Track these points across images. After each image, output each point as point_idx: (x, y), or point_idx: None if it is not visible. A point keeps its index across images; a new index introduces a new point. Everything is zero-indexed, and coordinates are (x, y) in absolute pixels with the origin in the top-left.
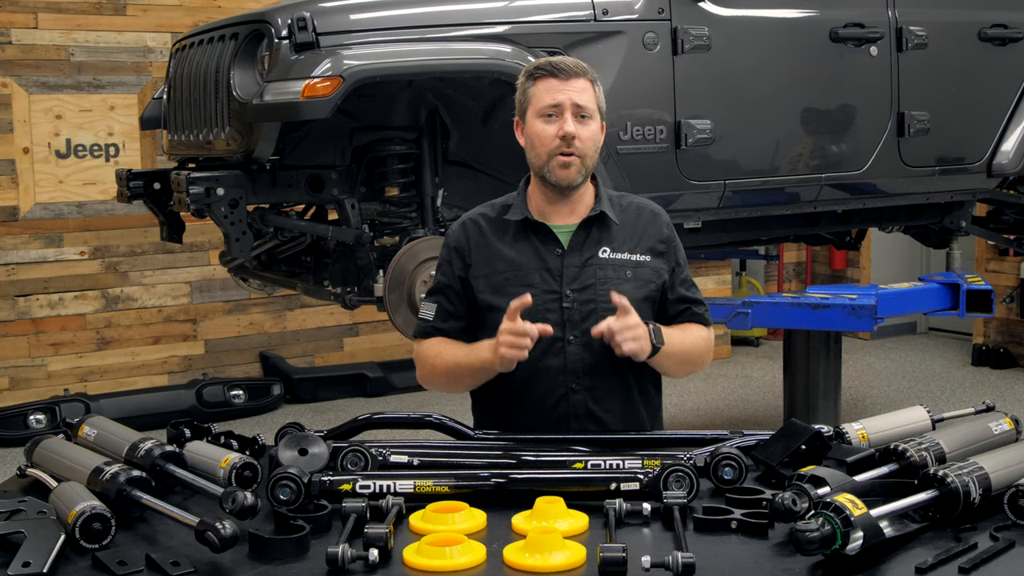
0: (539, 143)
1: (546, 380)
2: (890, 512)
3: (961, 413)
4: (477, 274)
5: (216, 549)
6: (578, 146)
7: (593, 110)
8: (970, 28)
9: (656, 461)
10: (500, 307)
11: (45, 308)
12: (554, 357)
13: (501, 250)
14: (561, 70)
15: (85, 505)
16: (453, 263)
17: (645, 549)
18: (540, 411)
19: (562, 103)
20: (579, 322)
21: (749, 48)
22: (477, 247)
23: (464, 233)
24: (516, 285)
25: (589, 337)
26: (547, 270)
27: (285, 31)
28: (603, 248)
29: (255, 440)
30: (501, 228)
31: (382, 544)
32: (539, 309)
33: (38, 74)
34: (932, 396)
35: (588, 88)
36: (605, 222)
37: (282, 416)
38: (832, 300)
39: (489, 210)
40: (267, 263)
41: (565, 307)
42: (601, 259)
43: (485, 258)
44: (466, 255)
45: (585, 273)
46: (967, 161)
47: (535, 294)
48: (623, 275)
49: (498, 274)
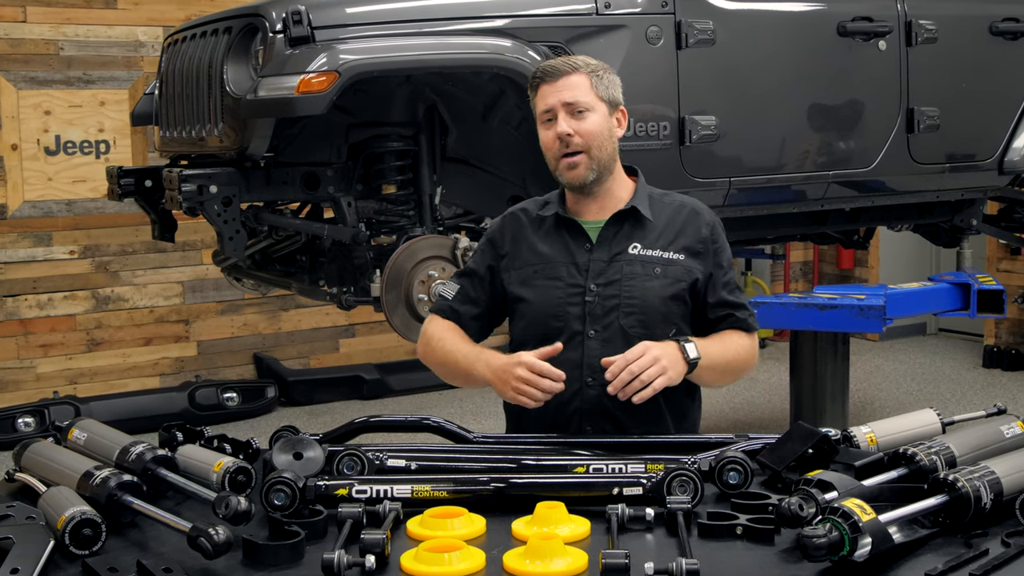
0: (546, 150)
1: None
2: (899, 518)
3: (972, 416)
4: (510, 266)
5: (209, 555)
6: (577, 142)
7: (589, 102)
8: (981, 22)
9: (660, 465)
10: (527, 299)
11: (34, 309)
12: (572, 350)
13: (534, 244)
14: (549, 73)
15: (75, 510)
16: (486, 252)
17: (648, 555)
18: (553, 405)
19: (553, 106)
20: (600, 316)
21: (755, 42)
22: (513, 240)
23: (503, 225)
24: (543, 278)
25: (609, 332)
26: (574, 264)
27: (280, 25)
28: (633, 244)
29: (249, 444)
30: (538, 223)
31: (379, 550)
32: (561, 302)
33: (26, 69)
34: (942, 398)
35: (581, 82)
36: (638, 218)
37: (277, 419)
38: (840, 300)
39: (531, 205)
40: (261, 262)
41: (587, 301)
42: (630, 255)
43: (518, 251)
44: (500, 247)
45: (612, 268)
46: (978, 158)
47: (559, 288)
48: (651, 272)
49: (528, 267)
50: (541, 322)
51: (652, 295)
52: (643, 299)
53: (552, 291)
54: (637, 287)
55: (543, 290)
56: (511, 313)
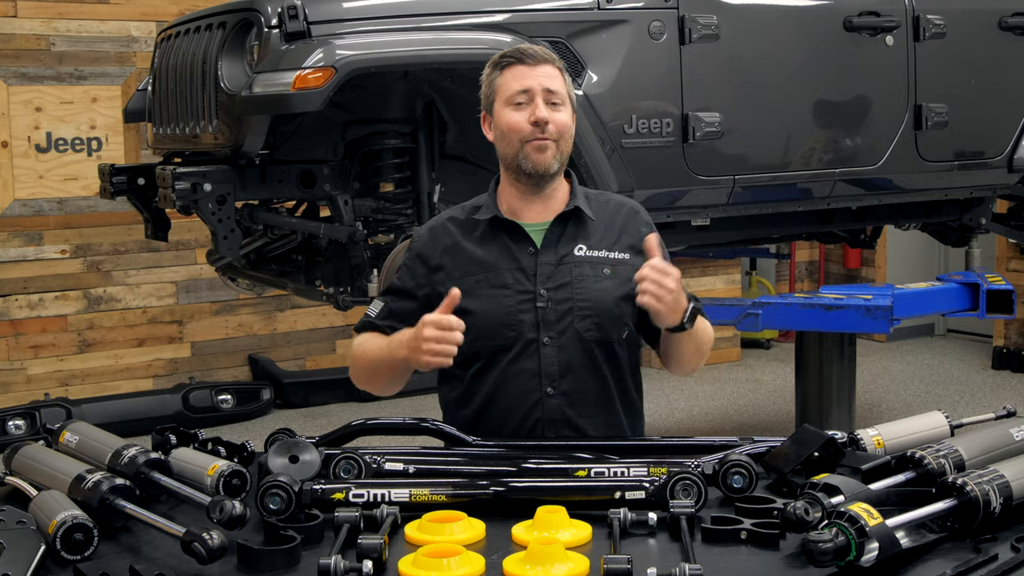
0: (511, 132)
1: (519, 384)
2: (907, 522)
3: (981, 419)
4: (447, 279)
5: (203, 561)
6: (552, 131)
7: (564, 96)
8: (990, 16)
9: (662, 469)
10: (473, 310)
11: (25, 309)
12: (528, 359)
13: (471, 252)
14: (529, 56)
15: (66, 515)
16: (413, 268)
17: (651, 561)
18: (512, 417)
19: (532, 88)
20: (554, 322)
21: (760, 37)
22: (445, 252)
23: (431, 238)
24: (488, 286)
25: (564, 338)
26: (520, 270)
27: (275, 20)
28: (579, 245)
29: (244, 447)
30: (470, 229)
31: (376, 555)
32: (512, 311)
33: (17, 65)
34: (950, 401)
35: (557, 74)
36: (581, 218)
37: (272, 422)
38: (846, 301)
39: (458, 212)
40: (256, 262)
41: (539, 307)
42: (577, 256)
43: (454, 262)
44: (430, 260)
45: (560, 271)
46: (987, 155)
47: (508, 295)
48: (601, 273)
49: (468, 277)
50: (492, 333)
51: (605, 296)
52: (596, 301)
53: (501, 299)
54: (589, 289)
55: (491, 299)
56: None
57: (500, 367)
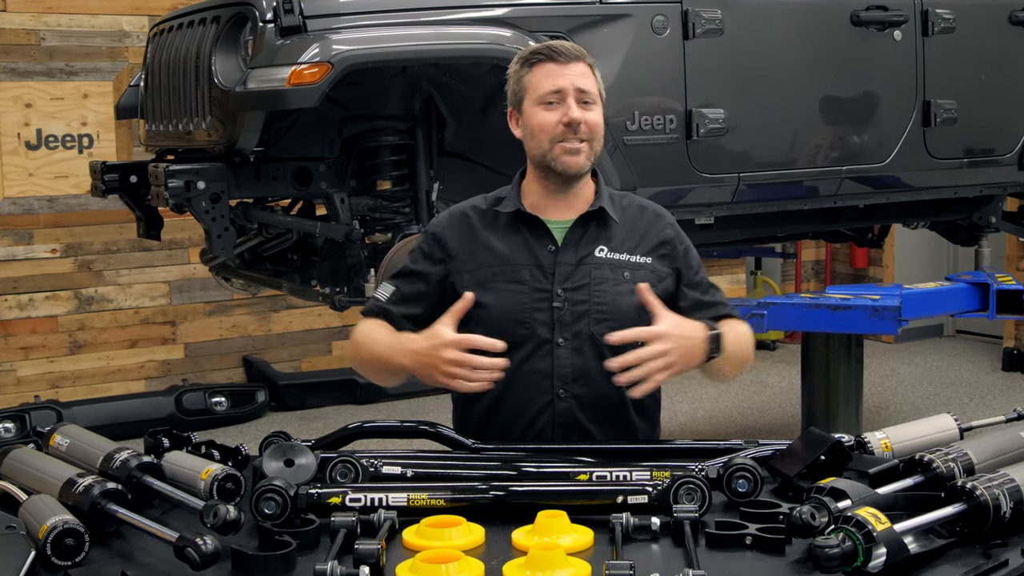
0: (541, 132)
1: (530, 385)
2: (915, 527)
3: (991, 421)
4: (462, 268)
5: (196, 566)
6: (584, 131)
7: (596, 95)
8: (1000, 11)
9: (666, 472)
10: (486, 303)
11: (14, 309)
12: (541, 360)
13: (490, 243)
14: (560, 53)
15: (57, 520)
16: (428, 249)
17: (654, 566)
18: (522, 417)
19: (564, 88)
20: (569, 324)
21: (765, 32)
22: (463, 240)
23: (451, 222)
24: (504, 281)
25: (579, 340)
26: (538, 267)
27: (270, 14)
28: (600, 247)
29: (238, 450)
30: (492, 220)
31: (374, 561)
32: (526, 308)
33: (6, 60)
34: (960, 403)
35: (588, 72)
36: (604, 219)
37: (267, 424)
38: (853, 301)
39: (481, 202)
40: (251, 261)
41: (555, 307)
42: (597, 258)
43: (471, 251)
44: (447, 246)
45: (579, 272)
46: (997, 153)
47: (523, 292)
48: (620, 276)
49: (485, 268)
50: (504, 329)
51: (623, 301)
52: (614, 305)
53: (515, 295)
54: (607, 292)
55: (505, 294)
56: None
57: (511, 366)
